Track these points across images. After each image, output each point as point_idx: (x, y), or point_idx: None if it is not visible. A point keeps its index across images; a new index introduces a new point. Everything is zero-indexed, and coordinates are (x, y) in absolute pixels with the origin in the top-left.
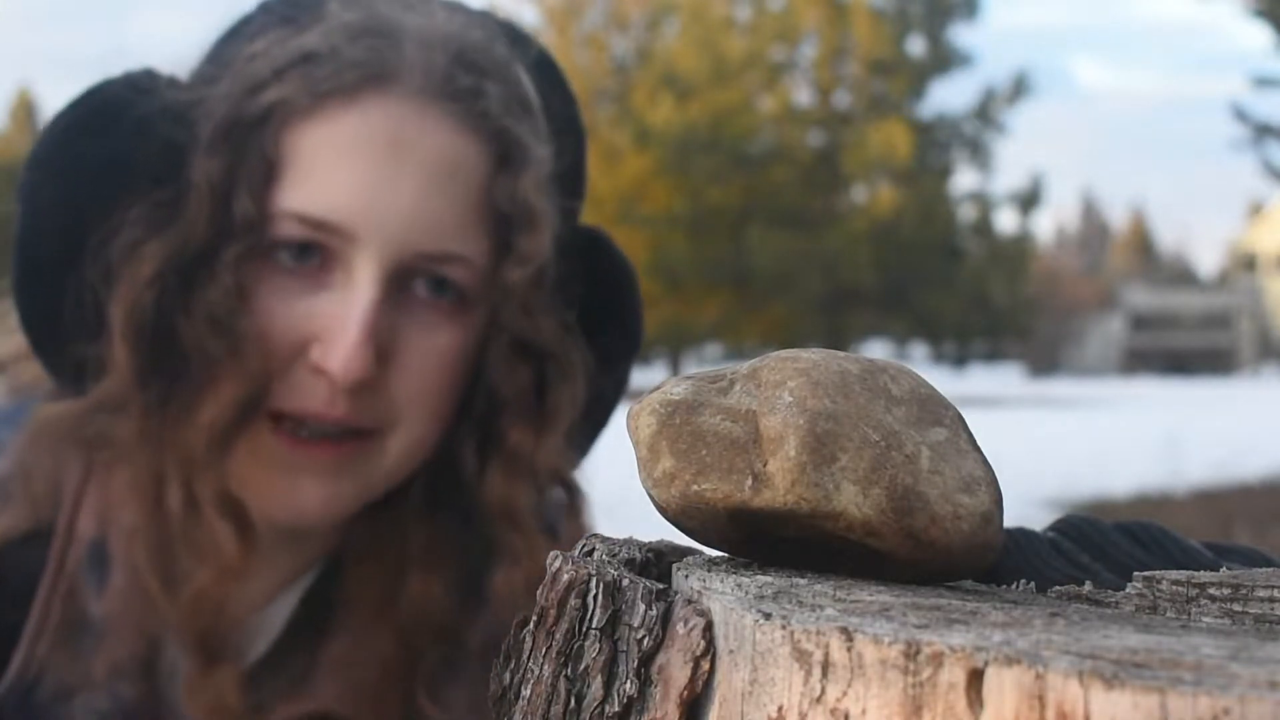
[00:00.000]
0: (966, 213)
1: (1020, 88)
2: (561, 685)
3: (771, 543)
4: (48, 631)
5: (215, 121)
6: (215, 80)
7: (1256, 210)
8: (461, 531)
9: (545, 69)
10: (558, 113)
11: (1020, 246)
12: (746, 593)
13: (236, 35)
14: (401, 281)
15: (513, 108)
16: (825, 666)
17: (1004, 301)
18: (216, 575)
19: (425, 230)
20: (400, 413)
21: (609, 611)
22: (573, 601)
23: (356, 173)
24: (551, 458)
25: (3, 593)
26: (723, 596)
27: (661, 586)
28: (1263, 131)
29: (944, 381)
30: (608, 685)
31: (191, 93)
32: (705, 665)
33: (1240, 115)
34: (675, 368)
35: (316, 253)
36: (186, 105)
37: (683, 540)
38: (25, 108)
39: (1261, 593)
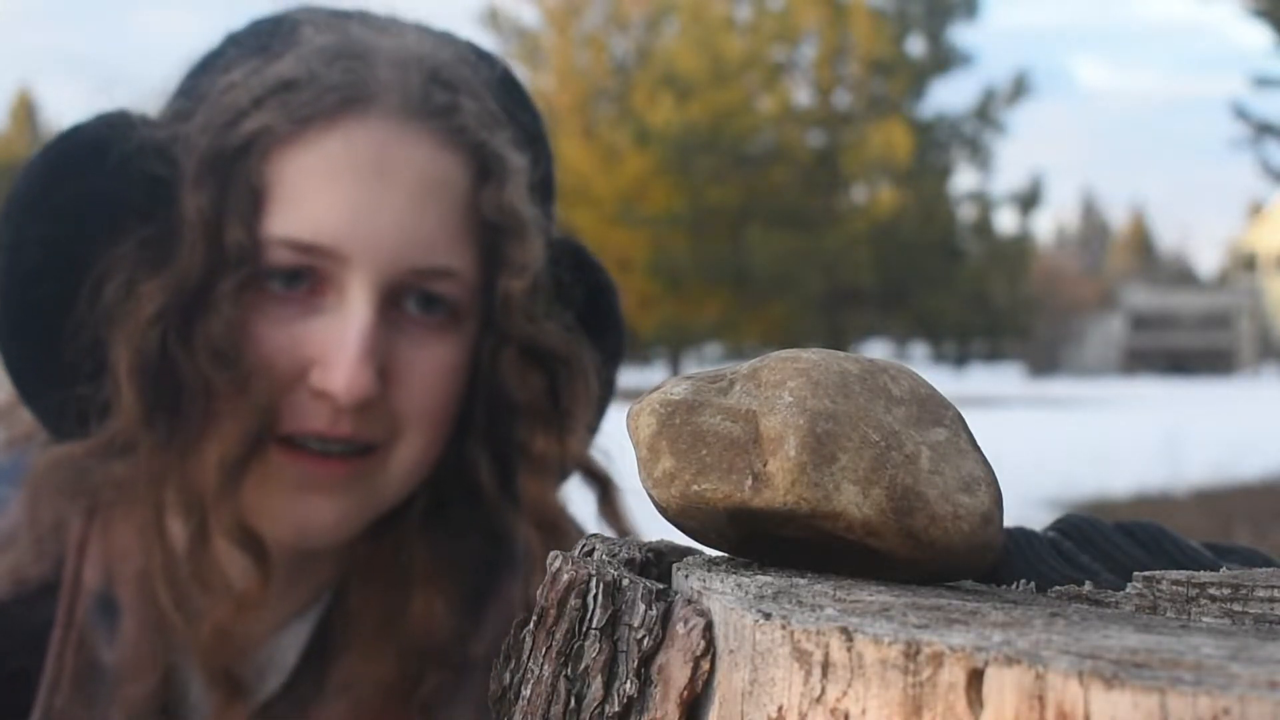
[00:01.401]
0: (966, 213)
1: (1020, 88)
2: (561, 685)
3: (771, 543)
4: (63, 682)
5: (198, 155)
6: (190, 115)
7: (1256, 210)
8: (465, 548)
9: (509, 86)
10: (525, 127)
11: (1020, 246)
12: (746, 593)
13: (208, 68)
14: (393, 300)
15: (488, 121)
16: (825, 666)
17: (1004, 301)
18: (235, 608)
19: (414, 246)
20: (403, 426)
21: (609, 611)
22: (573, 601)
23: (342, 195)
24: (577, 455)
25: (19, 646)
26: (723, 596)
27: (661, 586)
28: (1263, 131)
29: (944, 381)
30: (608, 685)
31: (168, 129)
32: (705, 665)
33: (1240, 115)
34: (675, 368)
35: (306, 277)
36: (165, 141)
37: (683, 540)
38: (25, 108)
39: (1261, 593)
